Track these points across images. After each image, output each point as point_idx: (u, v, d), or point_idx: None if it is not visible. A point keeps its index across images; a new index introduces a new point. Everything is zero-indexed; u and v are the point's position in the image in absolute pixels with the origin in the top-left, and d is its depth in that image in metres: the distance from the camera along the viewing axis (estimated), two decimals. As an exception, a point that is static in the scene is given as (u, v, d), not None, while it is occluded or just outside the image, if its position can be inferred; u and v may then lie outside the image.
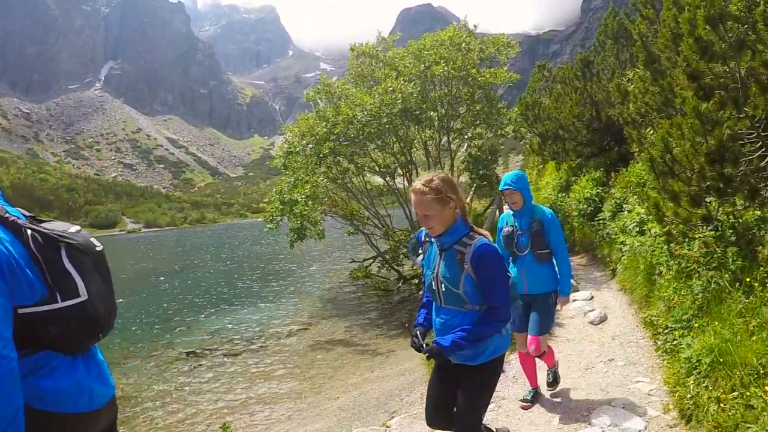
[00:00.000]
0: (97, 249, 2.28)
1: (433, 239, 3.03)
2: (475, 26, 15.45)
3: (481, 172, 15.48)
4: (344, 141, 12.76)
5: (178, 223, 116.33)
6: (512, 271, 4.84)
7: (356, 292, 15.33)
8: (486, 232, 2.96)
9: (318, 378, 8.52)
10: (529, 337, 4.75)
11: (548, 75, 19.45)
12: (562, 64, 19.40)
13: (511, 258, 4.92)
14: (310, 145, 13.18)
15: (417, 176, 14.86)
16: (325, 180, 12.76)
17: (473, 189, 17.77)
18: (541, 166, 20.53)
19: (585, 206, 12.07)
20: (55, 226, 2.18)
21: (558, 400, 5.04)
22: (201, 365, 10.08)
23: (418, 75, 13.90)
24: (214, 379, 9.20)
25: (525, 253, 4.78)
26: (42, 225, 2.14)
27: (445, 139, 14.90)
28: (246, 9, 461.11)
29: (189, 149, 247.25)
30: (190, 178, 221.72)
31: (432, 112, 13.40)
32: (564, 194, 14.32)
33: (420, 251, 3.16)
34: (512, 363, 5.97)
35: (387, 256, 13.58)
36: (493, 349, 3.02)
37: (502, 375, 5.68)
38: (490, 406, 4.95)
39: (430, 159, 14.61)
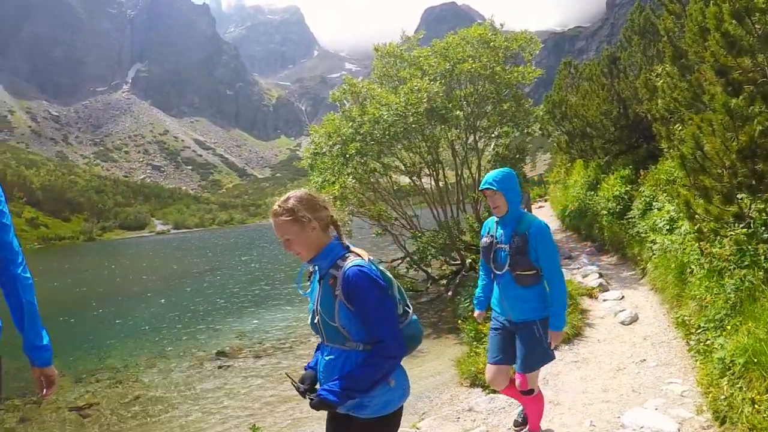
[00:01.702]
0: None
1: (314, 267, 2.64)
2: (501, 24, 15.36)
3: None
4: (371, 141, 12.74)
5: (206, 225, 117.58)
6: (494, 290, 4.19)
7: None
8: (362, 252, 2.55)
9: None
10: (516, 372, 4.12)
11: (574, 72, 19.29)
12: (588, 60, 19.22)
13: (491, 275, 4.18)
14: (337, 146, 13.21)
15: (444, 176, 14.93)
16: (353, 180, 12.77)
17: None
18: (569, 164, 20.35)
19: (614, 204, 11.96)
20: None
21: (590, 401, 5.01)
22: (231, 365, 10.19)
23: (443, 74, 13.86)
24: (244, 379, 9.28)
25: (503, 272, 3.99)
26: None
27: (471, 138, 14.81)
28: (270, 10, 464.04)
29: (216, 151, 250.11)
30: (217, 180, 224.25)
31: (458, 111, 13.32)
32: (592, 192, 14.20)
33: (309, 281, 2.71)
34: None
35: (415, 257, 13.55)
36: (380, 404, 2.48)
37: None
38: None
39: (457, 158, 14.55)
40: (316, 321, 2.56)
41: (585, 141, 15.16)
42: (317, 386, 2.63)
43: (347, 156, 12.74)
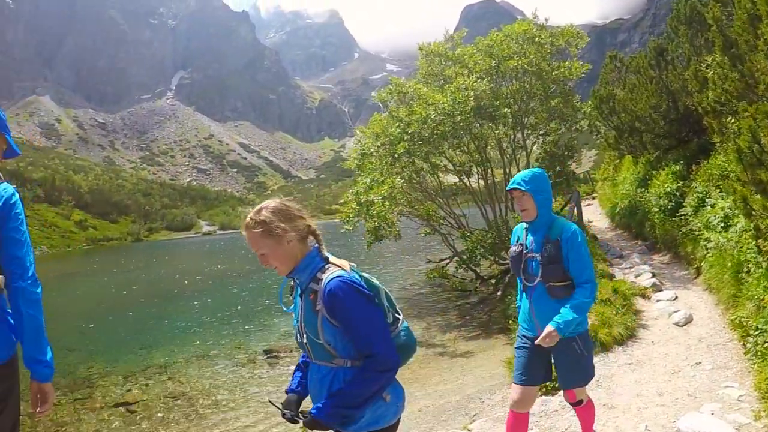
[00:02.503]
0: None
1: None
2: (546, 19, 15.19)
3: (557, 168, 15.18)
4: (418, 141, 12.72)
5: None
6: (523, 304, 3.82)
7: (433, 293, 15.27)
8: (344, 263, 2.39)
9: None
10: (562, 389, 3.83)
11: (620, 65, 18.89)
12: (632, 53, 18.79)
13: (522, 287, 3.82)
14: (385, 146, 13.22)
15: (492, 174, 14.82)
16: (401, 180, 12.75)
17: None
18: (618, 160, 19.98)
19: (665, 201, 11.68)
20: None
21: (644, 405, 4.88)
22: (279, 364, 10.25)
23: (489, 71, 13.75)
24: (290, 377, 9.29)
25: (534, 283, 3.62)
26: None
27: (519, 135, 14.67)
28: (309, 14, 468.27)
29: (261, 153, 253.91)
30: (262, 182, 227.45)
31: (505, 109, 13.19)
32: (643, 189, 13.89)
33: (291, 296, 2.53)
34: (595, 366, 5.83)
35: (464, 257, 13.48)
36: (371, 419, 2.32)
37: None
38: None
39: (504, 156, 14.41)
40: (300, 338, 2.43)
41: (634, 136, 14.84)
42: (304, 408, 2.47)
43: (395, 156, 12.76)
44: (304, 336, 2.38)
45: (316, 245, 2.44)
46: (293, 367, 2.69)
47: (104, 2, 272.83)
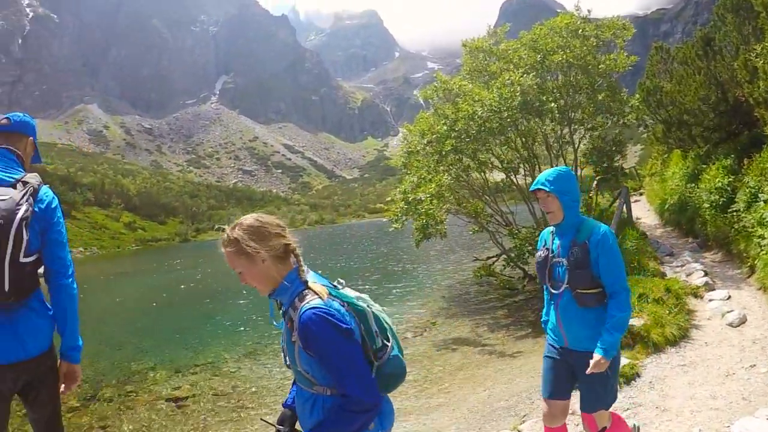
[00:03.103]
0: None
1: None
2: (588, 11, 14.99)
3: (605, 164, 14.97)
4: (466, 138, 12.64)
5: (297, 225, 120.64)
6: (549, 313, 3.68)
7: (480, 291, 15.18)
8: (321, 289, 2.22)
9: (445, 377, 8.52)
10: (580, 411, 3.60)
11: (666, 57, 18.50)
12: (676, 44, 18.38)
13: (548, 295, 3.66)
14: (431, 144, 13.21)
15: (540, 171, 14.67)
16: (449, 178, 12.74)
17: (595, 182, 17.18)
18: (666, 155, 19.54)
19: (716, 197, 11.38)
20: None
21: (698, 408, 4.84)
22: None
23: (534, 66, 13.63)
24: None
25: (561, 290, 3.42)
26: None
27: (566, 130, 14.50)
28: (348, 15, 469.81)
29: (305, 154, 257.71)
30: (307, 182, 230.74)
31: (552, 104, 13.05)
32: (693, 185, 13.55)
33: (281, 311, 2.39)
34: (647, 367, 5.80)
35: (512, 254, 13.42)
36: None
37: (637, 379, 5.58)
38: (624, 413, 4.85)
39: (551, 152, 14.27)
40: (287, 362, 2.35)
41: (682, 129, 14.52)
42: (297, 427, 2.47)
43: (442, 154, 12.75)
44: (286, 359, 2.33)
45: (296, 266, 2.31)
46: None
47: (146, 12, 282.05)
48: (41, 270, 2.91)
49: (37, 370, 2.89)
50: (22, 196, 2.80)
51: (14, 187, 2.85)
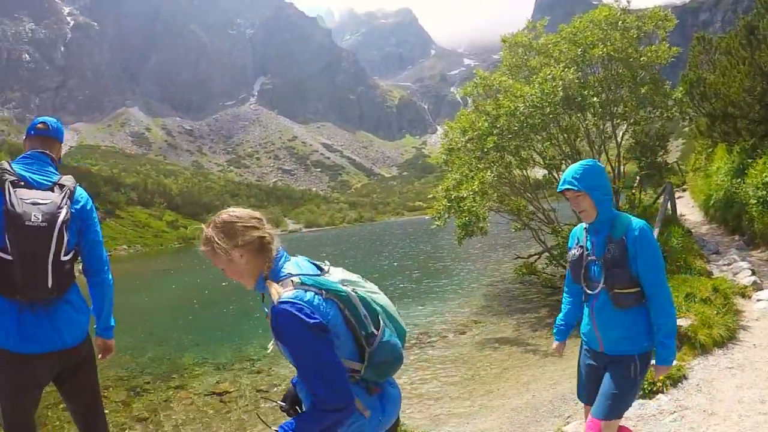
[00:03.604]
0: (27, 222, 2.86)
1: None
2: (628, 1, 14.70)
3: (648, 159, 14.68)
4: (508, 135, 12.53)
5: (336, 223, 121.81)
6: (584, 316, 3.46)
7: (522, 290, 15.02)
8: (293, 281, 2.15)
9: (488, 377, 8.43)
10: (588, 417, 3.34)
11: (708, 47, 18.09)
12: (717, 33, 17.96)
13: (583, 296, 3.41)
14: (472, 141, 13.09)
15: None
16: (492, 175, 12.64)
17: (638, 178, 16.87)
18: (711, 149, 19.08)
19: (764, 192, 11.10)
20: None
21: (746, 413, 4.75)
22: None
23: (575, 59, 13.43)
24: None
25: (597, 291, 3.21)
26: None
27: (608, 125, 14.26)
28: (383, 14, 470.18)
29: (343, 153, 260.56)
30: (346, 180, 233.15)
31: (594, 98, 12.81)
32: (739, 180, 13.21)
33: None
34: (694, 369, 5.71)
35: (554, 252, 13.29)
36: None
37: (683, 381, 5.50)
38: (671, 417, 4.80)
39: (593, 148, 14.06)
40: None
41: (727, 122, 14.17)
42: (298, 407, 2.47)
43: (484, 151, 12.67)
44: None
45: (278, 256, 2.27)
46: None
47: (184, 18, 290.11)
48: (79, 266, 3.22)
49: (72, 359, 3.12)
50: (62, 199, 3.04)
51: (52, 190, 3.08)
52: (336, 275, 2.29)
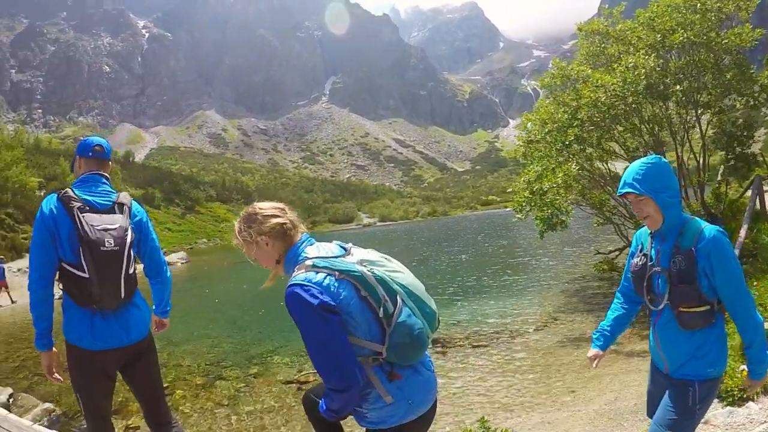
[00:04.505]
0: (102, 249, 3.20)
1: None
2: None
3: (736, 150, 13.84)
4: (589, 126, 12.18)
5: (410, 217, 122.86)
6: (651, 332, 2.98)
7: (603, 287, 14.57)
8: (306, 264, 2.22)
9: (569, 377, 8.13)
10: None
11: (795, 26, 16.90)
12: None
13: (648, 311, 2.97)
14: (552, 133, 12.75)
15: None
16: (575, 168, 12.22)
17: (721, 171, 15.92)
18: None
19: None
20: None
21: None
22: (447, 354, 10.00)
23: (654, 46, 12.77)
24: (462, 369, 9.05)
25: (660, 307, 2.79)
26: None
27: (692, 114, 13.54)
28: (449, 9, 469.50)
29: (416, 148, 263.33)
30: (419, 175, 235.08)
31: (677, 86, 12.18)
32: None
33: None
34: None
35: (636, 248, 12.77)
36: (375, 418, 2.25)
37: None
38: (760, 427, 4.47)
39: (676, 138, 13.40)
40: None
41: (818, 109, 13.18)
42: None
43: (565, 143, 12.34)
44: None
45: (300, 240, 2.39)
46: (462, 356, 2.60)
47: (253, 24, 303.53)
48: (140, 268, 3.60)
49: (135, 351, 3.48)
50: (126, 221, 3.40)
51: (114, 210, 3.41)
52: (357, 256, 2.32)
